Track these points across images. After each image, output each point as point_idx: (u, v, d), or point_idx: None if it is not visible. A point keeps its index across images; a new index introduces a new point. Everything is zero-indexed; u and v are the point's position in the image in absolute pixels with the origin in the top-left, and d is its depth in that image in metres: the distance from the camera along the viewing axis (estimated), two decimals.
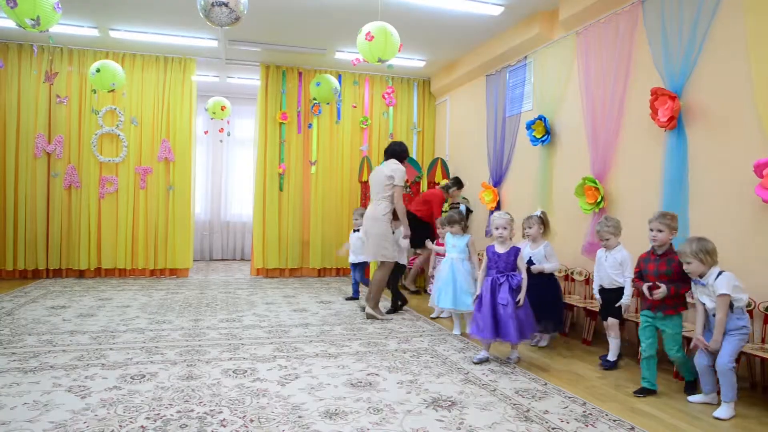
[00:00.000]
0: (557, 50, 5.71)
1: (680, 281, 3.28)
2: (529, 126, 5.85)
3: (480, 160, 7.26)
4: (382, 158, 8.25)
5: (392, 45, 4.92)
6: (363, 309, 5.49)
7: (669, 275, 3.31)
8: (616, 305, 3.87)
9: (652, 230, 3.39)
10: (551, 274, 4.47)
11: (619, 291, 3.85)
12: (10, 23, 5.94)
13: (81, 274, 7.59)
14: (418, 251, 6.95)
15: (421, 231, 6.38)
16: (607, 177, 4.87)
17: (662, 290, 3.28)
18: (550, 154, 5.76)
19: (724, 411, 3.00)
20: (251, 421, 2.72)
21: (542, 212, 4.60)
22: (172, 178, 7.82)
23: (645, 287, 3.38)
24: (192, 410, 2.85)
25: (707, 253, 3.07)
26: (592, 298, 4.93)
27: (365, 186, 8.00)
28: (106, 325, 4.77)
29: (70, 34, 6.86)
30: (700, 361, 3.17)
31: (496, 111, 6.86)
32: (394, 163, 5.44)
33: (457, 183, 6.99)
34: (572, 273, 5.21)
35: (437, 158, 8.08)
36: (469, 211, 6.98)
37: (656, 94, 4.12)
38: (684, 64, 4.03)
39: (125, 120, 7.63)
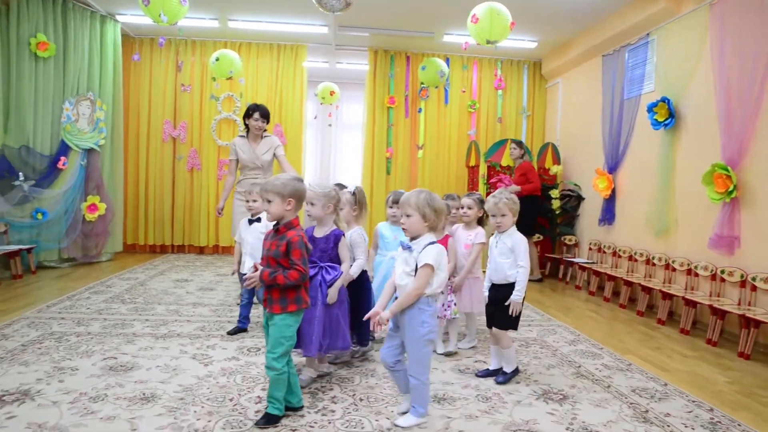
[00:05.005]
0: (685, 25, 5.25)
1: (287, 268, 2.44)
2: (651, 108, 5.45)
3: (594, 145, 6.90)
4: (490, 142, 8.12)
5: (501, 25, 4.75)
6: None
7: (277, 258, 2.46)
8: (507, 303, 3.02)
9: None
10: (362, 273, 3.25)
11: (512, 288, 3.03)
12: (144, 21, 6.49)
13: (201, 251, 8.16)
14: None
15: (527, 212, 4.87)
16: (741, 164, 4.43)
17: (255, 275, 2.44)
18: (674, 139, 5.35)
19: (407, 420, 2.49)
20: (360, 399, 2.79)
21: (357, 188, 3.46)
22: None
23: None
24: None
25: (434, 211, 2.45)
26: (718, 295, 4.57)
27: (473, 171, 7.90)
28: (224, 299, 5.09)
29: (194, 26, 7.32)
30: (383, 357, 2.56)
31: (612, 93, 6.47)
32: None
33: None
34: (696, 267, 4.83)
35: (548, 143, 7.80)
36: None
37: None
38: None
39: (241, 105, 8.03)
